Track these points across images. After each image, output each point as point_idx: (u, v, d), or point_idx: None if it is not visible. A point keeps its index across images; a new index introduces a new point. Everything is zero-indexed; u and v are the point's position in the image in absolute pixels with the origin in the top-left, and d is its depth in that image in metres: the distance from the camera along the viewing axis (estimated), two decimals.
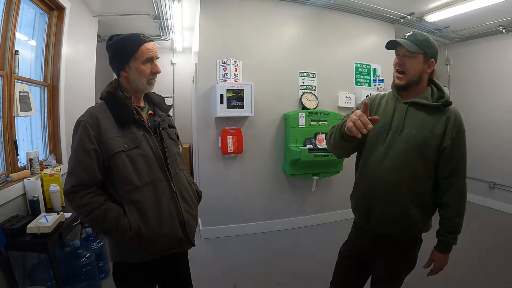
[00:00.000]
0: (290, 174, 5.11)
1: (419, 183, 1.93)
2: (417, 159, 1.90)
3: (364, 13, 5.54)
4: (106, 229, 1.69)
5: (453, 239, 1.96)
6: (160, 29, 6.18)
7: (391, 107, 2.04)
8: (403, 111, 1.98)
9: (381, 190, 1.97)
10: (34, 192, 2.97)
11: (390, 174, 1.94)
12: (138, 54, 1.80)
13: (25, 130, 3.50)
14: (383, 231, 2.03)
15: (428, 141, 1.88)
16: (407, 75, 1.95)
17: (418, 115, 1.94)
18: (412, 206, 1.93)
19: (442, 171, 1.92)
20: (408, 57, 1.93)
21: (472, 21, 5.82)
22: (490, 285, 3.63)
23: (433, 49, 1.97)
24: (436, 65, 2.07)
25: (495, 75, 6.42)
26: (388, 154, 1.96)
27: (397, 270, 2.11)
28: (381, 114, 2.05)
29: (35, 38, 3.70)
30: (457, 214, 1.95)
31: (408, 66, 1.94)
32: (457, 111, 1.93)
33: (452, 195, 1.93)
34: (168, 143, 1.97)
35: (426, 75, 1.99)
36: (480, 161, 6.66)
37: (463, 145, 1.92)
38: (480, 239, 4.89)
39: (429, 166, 1.92)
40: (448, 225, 1.96)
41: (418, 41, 1.92)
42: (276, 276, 3.86)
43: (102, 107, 1.81)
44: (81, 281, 3.23)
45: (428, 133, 1.88)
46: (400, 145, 1.93)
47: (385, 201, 1.97)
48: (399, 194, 1.93)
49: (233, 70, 4.70)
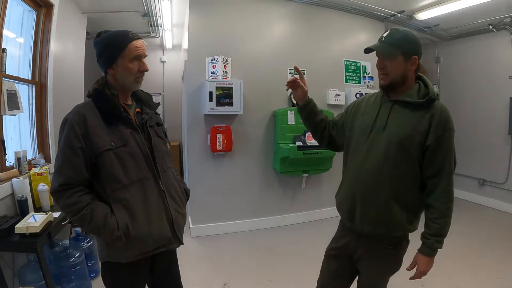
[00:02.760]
0: (279, 172, 5.11)
1: (403, 181, 1.91)
2: (400, 157, 1.87)
3: (353, 11, 5.56)
4: (94, 228, 1.68)
5: (437, 242, 1.89)
6: (149, 26, 6.15)
7: (377, 106, 2.04)
8: (387, 109, 1.97)
9: (364, 188, 1.97)
10: (22, 192, 2.94)
11: (372, 171, 1.94)
12: (126, 52, 1.78)
13: (13, 129, 3.47)
14: (367, 230, 2.02)
15: (410, 138, 1.85)
16: (389, 76, 1.91)
17: (402, 113, 1.92)
18: (396, 205, 1.91)
19: (426, 170, 1.89)
20: (388, 59, 1.89)
21: (462, 20, 5.87)
22: (480, 281, 3.67)
23: (413, 45, 1.89)
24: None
25: (485, 73, 6.50)
26: (371, 151, 1.96)
27: (381, 271, 2.12)
28: (366, 113, 2.08)
29: (23, 35, 3.66)
30: (442, 215, 1.88)
31: (389, 68, 1.90)
32: (444, 108, 1.87)
33: (436, 196, 1.88)
34: (155, 141, 1.95)
35: (411, 72, 1.93)
36: (469, 158, 6.75)
37: (450, 144, 1.86)
38: (470, 236, 4.95)
39: (413, 164, 1.88)
40: (432, 227, 1.89)
41: (395, 41, 1.87)
42: (267, 273, 3.87)
43: (89, 104, 1.79)
44: (71, 280, 3.21)
45: (411, 130, 1.85)
46: (382, 143, 1.91)
47: (367, 199, 1.96)
48: (382, 192, 1.91)
49: (222, 67, 4.68)
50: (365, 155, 1.99)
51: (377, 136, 1.95)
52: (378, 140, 1.94)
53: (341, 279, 2.27)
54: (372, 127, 1.99)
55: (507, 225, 5.49)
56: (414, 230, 2.02)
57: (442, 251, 1.98)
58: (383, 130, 1.93)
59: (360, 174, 2.00)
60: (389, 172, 1.89)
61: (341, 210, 2.18)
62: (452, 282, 3.64)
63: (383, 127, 1.93)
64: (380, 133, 1.94)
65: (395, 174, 1.89)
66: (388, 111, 1.95)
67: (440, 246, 1.90)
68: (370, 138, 1.98)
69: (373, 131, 1.98)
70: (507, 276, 3.72)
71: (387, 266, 2.10)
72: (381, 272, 2.12)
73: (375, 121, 1.99)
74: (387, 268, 2.11)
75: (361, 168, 1.99)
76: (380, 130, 1.94)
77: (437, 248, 1.90)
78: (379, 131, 1.95)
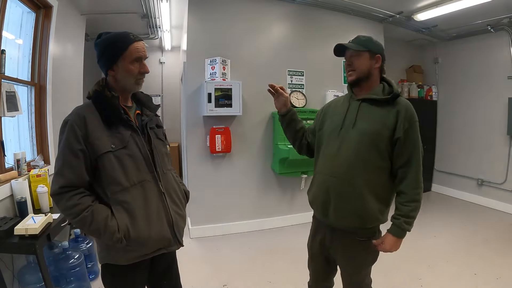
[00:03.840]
0: (278, 173, 5.12)
1: (374, 174, 2.03)
2: (371, 151, 2.00)
3: (352, 12, 5.56)
4: (94, 230, 1.67)
5: (406, 224, 1.98)
6: (148, 27, 6.15)
7: (346, 106, 2.18)
8: (356, 107, 2.10)
9: (338, 183, 2.07)
10: (21, 193, 2.94)
11: (345, 167, 2.05)
12: (127, 54, 1.78)
13: (12, 130, 3.47)
14: (341, 224, 2.11)
15: (380, 133, 1.98)
16: (356, 71, 2.10)
17: (370, 109, 2.06)
18: (369, 196, 2.02)
19: (397, 161, 2.02)
20: (355, 56, 2.11)
21: (461, 20, 5.89)
22: (479, 281, 3.67)
23: (377, 46, 2.12)
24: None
25: (483, 74, 6.52)
26: (342, 148, 2.08)
27: (359, 263, 2.21)
28: (335, 114, 2.23)
29: (22, 37, 3.67)
30: (412, 199, 1.99)
31: (356, 63, 2.10)
32: (407, 104, 2.04)
33: (407, 183, 2.00)
34: (155, 143, 1.95)
35: (375, 70, 2.12)
36: (468, 159, 6.80)
37: (416, 135, 2.01)
38: (469, 236, 4.96)
39: (384, 157, 2.01)
40: (402, 209, 2.00)
41: (361, 41, 2.12)
42: (266, 275, 3.87)
43: (89, 106, 1.78)
44: (70, 282, 3.21)
45: (380, 126, 1.99)
46: (353, 139, 2.04)
47: (341, 193, 2.06)
48: (355, 186, 2.02)
49: (221, 68, 4.69)
50: (336, 151, 2.11)
51: (347, 133, 2.08)
52: (348, 136, 2.07)
53: (325, 275, 2.44)
54: (342, 125, 2.13)
55: (506, 225, 5.50)
56: (385, 221, 2.14)
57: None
58: (353, 127, 2.06)
59: (333, 170, 2.10)
60: (361, 166, 2.01)
61: (314, 205, 2.28)
62: (451, 282, 3.64)
63: (353, 124, 2.07)
64: (350, 130, 2.07)
65: (367, 167, 2.01)
66: (357, 109, 2.09)
67: (408, 228, 2.00)
68: (341, 135, 2.11)
69: (343, 128, 2.11)
70: (506, 277, 3.72)
71: (364, 258, 2.20)
72: (359, 264, 2.21)
73: (344, 120, 2.13)
74: (364, 260, 2.20)
75: (334, 164, 2.10)
76: (350, 127, 2.08)
77: (405, 229, 2.00)
78: (349, 128, 2.09)
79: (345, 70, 2.22)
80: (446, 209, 6.50)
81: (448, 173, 7.42)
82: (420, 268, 3.91)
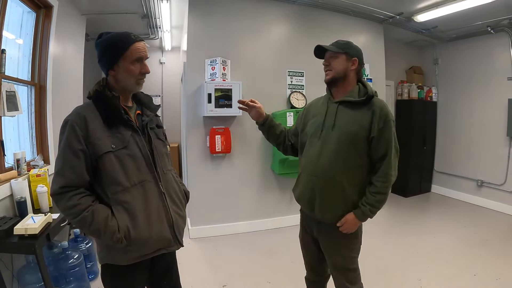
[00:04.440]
0: (278, 173, 5.12)
1: (355, 171, 2.18)
2: (350, 151, 2.15)
3: (352, 13, 5.56)
4: (94, 230, 1.67)
5: (370, 212, 2.14)
6: (148, 27, 6.15)
7: (325, 108, 2.33)
8: (334, 110, 2.25)
9: (321, 182, 2.22)
10: (21, 193, 2.94)
11: (327, 166, 2.19)
12: (128, 54, 1.77)
13: (12, 130, 3.46)
14: (326, 217, 2.25)
15: (357, 133, 2.13)
16: (333, 71, 2.26)
17: (347, 112, 2.21)
18: (350, 191, 2.19)
19: (373, 158, 2.17)
20: (332, 57, 2.26)
21: (461, 21, 5.89)
22: (479, 282, 3.66)
23: (354, 50, 2.27)
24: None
25: (483, 75, 6.53)
26: (324, 148, 2.22)
27: (344, 252, 2.33)
28: (316, 115, 2.39)
29: (22, 36, 3.66)
30: (379, 191, 2.13)
31: (333, 64, 2.26)
32: (382, 104, 2.17)
33: (378, 176, 2.15)
34: (156, 143, 1.95)
35: (352, 72, 2.26)
36: (468, 160, 6.80)
37: (390, 134, 2.12)
38: (469, 237, 4.96)
39: (362, 155, 2.17)
40: (370, 198, 2.15)
41: (339, 45, 2.27)
42: (266, 275, 3.87)
43: (89, 106, 1.78)
44: (69, 282, 3.21)
45: (356, 126, 2.14)
46: (333, 140, 2.18)
47: (325, 191, 2.22)
48: (337, 183, 2.18)
49: (221, 69, 4.69)
50: (318, 152, 2.25)
51: (327, 135, 2.23)
52: (328, 138, 2.21)
53: (318, 265, 2.58)
54: (322, 126, 2.28)
55: (506, 226, 5.50)
56: None
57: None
58: (332, 129, 2.21)
59: (316, 170, 2.25)
60: (341, 165, 2.17)
61: (301, 201, 2.45)
62: (451, 283, 3.63)
63: (332, 126, 2.22)
64: (330, 132, 2.22)
65: (347, 166, 2.17)
66: (335, 112, 2.24)
67: (371, 215, 2.18)
68: (322, 136, 2.26)
69: (323, 130, 2.26)
70: (506, 277, 3.72)
71: (349, 247, 2.31)
72: (344, 253, 2.32)
73: (324, 121, 2.28)
74: (349, 249, 2.32)
75: (317, 164, 2.24)
76: (330, 129, 2.23)
77: (368, 216, 2.17)
78: (329, 130, 2.23)
79: (324, 70, 2.36)
80: (446, 210, 6.49)
81: (448, 174, 7.41)
82: (419, 269, 3.90)
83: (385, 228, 5.36)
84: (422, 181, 7.60)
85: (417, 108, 7.15)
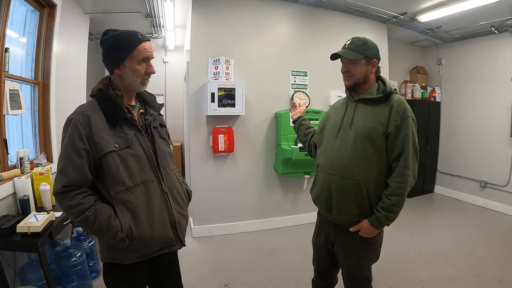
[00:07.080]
0: (281, 173, 5.11)
1: (372, 169, 2.11)
2: (368, 148, 2.10)
3: (356, 12, 5.55)
4: (97, 230, 1.66)
5: (385, 218, 2.06)
6: (152, 27, 6.14)
7: (344, 108, 2.33)
8: (352, 108, 2.25)
9: (338, 180, 2.19)
10: (24, 191, 2.95)
11: (344, 164, 2.16)
12: (135, 53, 1.77)
13: (15, 128, 3.47)
14: (343, 218, 2.21)
15: (375, 130, 2.09)
16: (354, 77, 2.21)
17: (365, 109, 2.19)
18: (368, 191, 2.12)
19: (390, 156, 2.10)
20: (352, 63, 2.19)
21: (464, 22, 5.87)
22: (481, 283, 3.65)
23: (372, 50, 2.21)
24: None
25: (487, 75, 6.51)
26: (341, 146, 2.20)
27: (359, 258, 2.27)
28: (335, 116, 2.39)
29: (26, 35, 3.67)
30: (395, 193, 2.04)
31: (353, 71, 2.20)
32: (401, 100, 2.13)
33: (393, 176, 2.06)
34: (159, 142, 1.95)
35: (372, 74, 2.24)
36: (471, 160, 6.78)
37: (408, 130, 2.04)
38: (471, 238, 4.95)
39: (380, 152, 2.10)
40: (385, 202, 2.06)
41: (357, 47, 2.18)
42: (268, 275, 3.87)
43: (93, 105, 1.78)
44: (72, 280, 3.22)
45: (374, 123, 2.10)
46: (351, 137, 2.16)
47: (342, 190, 2.17)
48: (355, 182, 2.12)
49: (224, 68, 4.69)
50: (336, 150, 2.24)
51: (345, 132, 2.21)
52: (346, 135, 2.20)
53: (330, 268, 2.53)
54: (340, 125, 2.27)
55: (509, 227, 5.49)
56: None
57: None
58: (350, 127, 2.19)
59: (333, 168, 2.22)
60: (359, 163, 2.12)
61: (318, 203, 2.40)
62: (453, 284, 3.63)
63: (350, 123, 2.20)
64: (348, 129, 2.20)
65: (365, 163, 2.11)
66: (353, 110, 2.23)
67: (387, 223, 2.10)
68: (339, 135, 2.25)
69: (341, 128, 2.26)
70: (509, 279, 3.70)
71: (364, 253, 2.25)
72: (359, 257, 2.26)
73: (342, 120, 2.27)
74: (364, 254, 2.26)
75: (334, 163, 2.23)
76: (347, 127, 2.21)
77: (384, 223, 2.10)
78: (346, 127, 2.22)
79: (343, 75, 2.31)
80: (448, 210, 6.48)
81: (451, 175, 7.38)
82: (422, 270, 3.90)
83: (387, 228, 5.33)
84: (425, 182, 7.55)
85: (420, 109, 7.07)
